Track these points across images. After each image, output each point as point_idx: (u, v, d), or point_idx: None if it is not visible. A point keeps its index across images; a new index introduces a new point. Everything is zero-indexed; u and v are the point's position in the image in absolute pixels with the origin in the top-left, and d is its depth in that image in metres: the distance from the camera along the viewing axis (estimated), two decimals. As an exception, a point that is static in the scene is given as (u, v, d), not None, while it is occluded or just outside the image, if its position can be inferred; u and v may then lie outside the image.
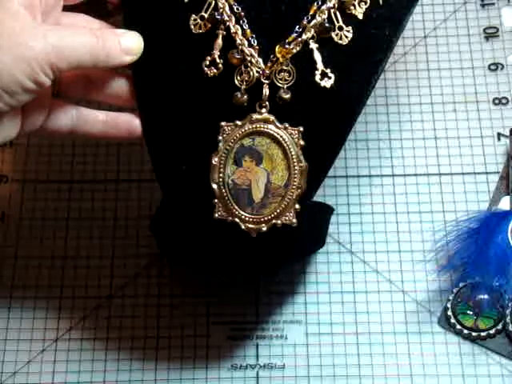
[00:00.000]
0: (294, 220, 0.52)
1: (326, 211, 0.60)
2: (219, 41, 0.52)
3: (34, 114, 0.52)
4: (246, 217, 0.51)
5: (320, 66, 0.51)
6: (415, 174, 0.66)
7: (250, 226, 0.52)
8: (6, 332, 0.62)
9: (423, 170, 0.66)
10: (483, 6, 0.71)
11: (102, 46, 0.50)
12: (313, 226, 0.57)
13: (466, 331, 0.60)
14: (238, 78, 0.52)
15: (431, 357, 0.60)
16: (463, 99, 0.68)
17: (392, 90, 0.69)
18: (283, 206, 0.51)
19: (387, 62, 0.53)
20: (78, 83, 0.54)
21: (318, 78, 0.51)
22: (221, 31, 0.52)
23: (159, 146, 0.54)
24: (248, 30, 0.52)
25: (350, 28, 0.52)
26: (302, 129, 0.51)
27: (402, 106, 0.68)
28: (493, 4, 0.71)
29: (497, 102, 0.68)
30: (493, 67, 0.69)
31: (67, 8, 0.53)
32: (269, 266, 0.55)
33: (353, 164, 0.66)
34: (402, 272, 0.63)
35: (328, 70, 0.51)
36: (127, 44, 0.52)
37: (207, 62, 0.52)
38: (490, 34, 0.70)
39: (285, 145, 0.51)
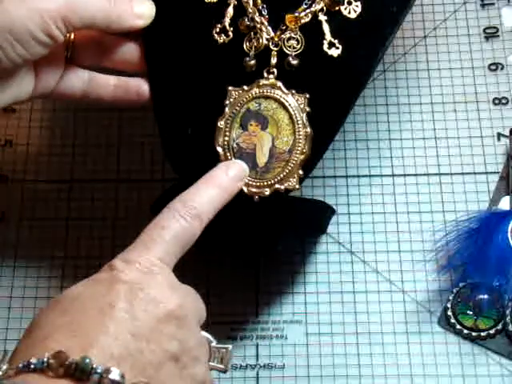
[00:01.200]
0: (297, 186, 0.53)
1: (328, 207, 0.60)
2: (230, 9, 0.54)
3: (47, 76, 0.54)
4: (249, 180, 0.52)
5: (328, 36, 0.53)
6: (415, 174, 0.66)
7: (253, 189, 0.52)
8: (6, 332, 0.62)
9: (423, 170, 0.66)
10: (483, 5, 0.71)
11: (114, 8, 0.52)
12: (314, 208, 0.57)
13: (466, 331, 0.60)
14: (247, 44, 0.53)
15: (431, 357, 0.60)
16: (463, 99, 0.68)
17: (392, 90, 0.69)
18: (287, 170, 0.52)
19: (394, 36, 0.55)
20: (90, 48, 0.55)
21: (325, 47, 0.52)
22: (232, 0, 0.54)
23: (166, 110, 0.56)
24: (259, 0, 0.53)
25: (358, 3, 0.53)
26: (308, 95, 0.52)
27: (402, 106, 0.68)
28: (493, 4, 0.71)
29: (497, 101, 0.68)
30: (493, 67, 0.69)
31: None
32: (268, 236, 0.55)
33: (353, 164, 0.66)
34: (402, 272, 0.63)
35: (336, 41, 0.52)
36: (139, 9, 0.54)
37: (217, 30, 0.54)
38: (490, 33, 0.70)
39: (291, 110, 0.52)
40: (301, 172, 0.53)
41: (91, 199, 0.66)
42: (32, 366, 0.39)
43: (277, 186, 0.53)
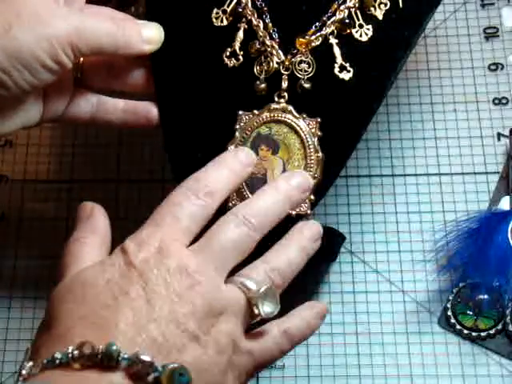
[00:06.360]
0: (309, 211, 0.52)
1: (339, 234, 0.59)
2: (240, 33, 0.54)
3: (55, 101, 0.53)
4: None
5: (339, 59, 0.52)
6: (415, 174, 0.66)
7: None
8: (5, 332, 0.62)
9: (423, 170, 0.66)
10: (483, 5, 0.71)
11: (122, 34, 0.51)
12: (324, 235, 0.57)
13: (465, 331, 0.60)
14: (258, 68, 0.53)
15: (431, 357, 0.60)
16: (463, 99, 0.68)
17: (392, 89, 0.68)
18: None
19: (406, 60, 0.54)
20: (99, 71, 0.55)
21: (336, 70, 0.52)
22: (242, 24, 0.53)
23: (176, 134, 0.55)
24: (270, 24, 0.53)
25: (369, 26, 0.53)
26: (319, 119, 0.52)
27: (402, 106, 0.68)
28: (493, 4, 0.71)
29: (497, 102, 0.68)
30: (493, 67, 0.69)
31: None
32: None
33: (353, 164, 0.66)
34: (402, 272, 0.63)
35: (347, 64, 0.52)
36: (147, 34, 0.53)
37: (227, 53, 0.53)
38: (490, 33, 0.70)
39: (302, 134, 0.52)
40: (312, 197, 0.52)
41: (91, 199, 0.66)
42: (57, 361, 0.38)
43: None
